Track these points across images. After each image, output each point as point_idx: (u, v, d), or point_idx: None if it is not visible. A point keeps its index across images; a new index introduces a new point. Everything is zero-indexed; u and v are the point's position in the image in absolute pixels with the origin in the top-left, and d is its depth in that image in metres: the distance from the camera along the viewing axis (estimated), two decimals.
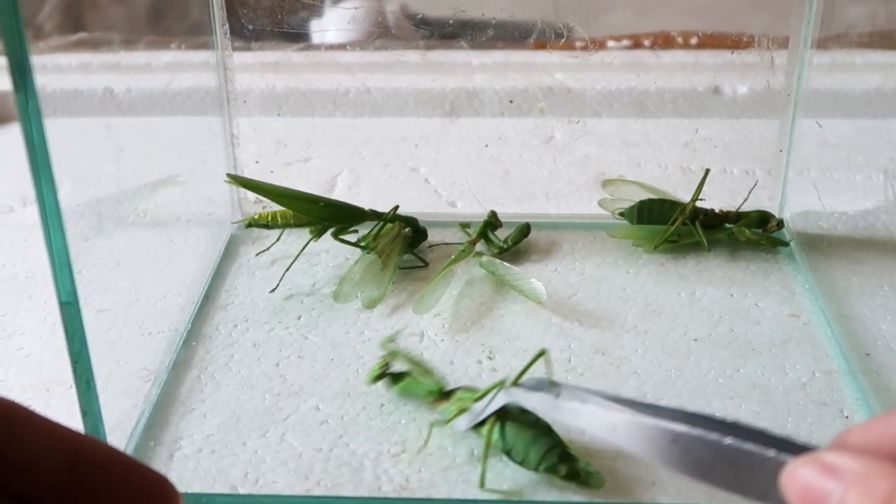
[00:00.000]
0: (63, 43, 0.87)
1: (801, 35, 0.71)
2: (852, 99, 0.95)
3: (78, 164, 0.51)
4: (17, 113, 0.40)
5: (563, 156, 0.89)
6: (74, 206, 0.48)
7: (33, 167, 0.41)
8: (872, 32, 0.98)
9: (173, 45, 0.91)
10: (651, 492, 0.51)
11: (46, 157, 0.41)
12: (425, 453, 0.53)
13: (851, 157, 0.85)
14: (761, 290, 0.68)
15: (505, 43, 0.99)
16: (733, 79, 0.97)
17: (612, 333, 0.63)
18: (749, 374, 0.59)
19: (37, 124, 0.40)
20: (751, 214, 0.73)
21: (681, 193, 0.75)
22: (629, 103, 0.97)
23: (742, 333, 0.63)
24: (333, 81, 0.98)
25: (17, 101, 0.39)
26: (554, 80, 0.97)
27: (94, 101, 0.76)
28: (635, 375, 0.59)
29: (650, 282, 0.69)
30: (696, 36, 1.01)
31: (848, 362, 0.60)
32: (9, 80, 0.40)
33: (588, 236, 0.75)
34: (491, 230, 0.74)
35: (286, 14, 0.74)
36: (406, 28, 0.92)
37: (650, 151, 0.90)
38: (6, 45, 0.38)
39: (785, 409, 0.56)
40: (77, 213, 0.49)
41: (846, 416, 0.56)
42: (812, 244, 0.72)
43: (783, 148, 0.75)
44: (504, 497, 0.50)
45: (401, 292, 0.68)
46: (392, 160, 0.89)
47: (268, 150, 0.90)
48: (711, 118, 0.96)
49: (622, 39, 1.02)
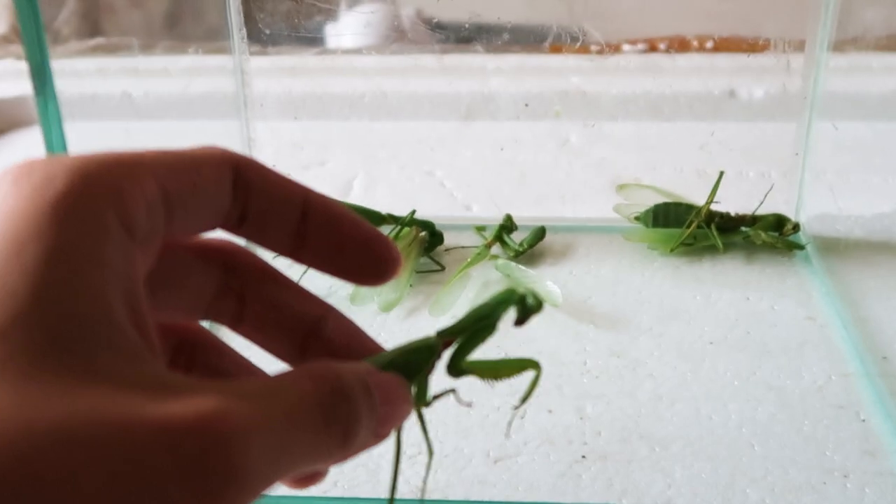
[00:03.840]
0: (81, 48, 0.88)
1: (817, 38, 0.70)
2: (869, 101, 0.95)
3: None
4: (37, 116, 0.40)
5: (578, 159, 0.90)
6: None
7: None
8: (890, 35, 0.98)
9: (190, 49, 0.91)
10: (666, 495, 0.51)
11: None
12: (442, 454, 0.53)
13: (868, 159, 0.84)
14: (777, 293, 0.68)
15: (521, 47, 0.99)
16: (749, 82, 0.97)
17: (628, 336, 0.63)
18: (765, 377, 0.59)
19: (57, 127, 0.41)
20: (767, 218, 0.73)
21: (696, 197, 0.75)
22: (645, 107, 0.97)
23: (758, 336, 0.63)
24: (349, 85, 0.98)
25: (37, 105, 0.40)
26: (569, 83, 0.97)
27: (112, 104, 0.76)
28: (651, 378, 0.59)
29: (666, 285, 0.69)
30: (711, 39, 1.01)
31: (864, 365, 0.60)
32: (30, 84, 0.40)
33: (604, 240, 0.75)
34: (507, 233, 0.74)
35: (302, 18, 0.74)
36: (422, 32, 0.92)
37: (665, 155, 0.90)
38: (27, 51, 0.38)
39: (801, 412, 0.56)
40: None
41: (863, 419, 0.56)
42: (828, 247, 0.72)
43: (799, 151, 0.75)
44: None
45: (417, 295, 0.68)
46: (408, 163, 0.89)
47: (284, 154, 0.90)
48: (727, 121, 0.96)
49: (637, 43, 1.02)
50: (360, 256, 0.34)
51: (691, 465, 0.52)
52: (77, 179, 0.25)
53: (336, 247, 0.34)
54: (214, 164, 0.30)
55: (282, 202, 0.32)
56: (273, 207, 0.32)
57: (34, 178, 0.25)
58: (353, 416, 0.30)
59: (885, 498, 0.50)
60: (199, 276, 0.33)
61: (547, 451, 0.53)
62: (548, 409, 0.56)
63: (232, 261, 0.34)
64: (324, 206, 0.33)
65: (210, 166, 0.30)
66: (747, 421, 0.56)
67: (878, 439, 0.54)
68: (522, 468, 0.52)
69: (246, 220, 0.32)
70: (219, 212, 0.31)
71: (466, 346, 0.38)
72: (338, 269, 0.34)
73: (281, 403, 0.27)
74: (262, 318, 0.35)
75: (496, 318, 0.37)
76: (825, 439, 0.54)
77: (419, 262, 0.71)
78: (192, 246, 0.33)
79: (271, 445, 0.26)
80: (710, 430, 0.55)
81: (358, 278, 0.35)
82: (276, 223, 0.32)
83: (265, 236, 0.33)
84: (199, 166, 0.30)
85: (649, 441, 0.54)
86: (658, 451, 0.53)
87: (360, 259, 0.34)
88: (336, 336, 0.35)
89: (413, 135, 0.95)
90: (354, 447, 0.30)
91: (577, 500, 0.50)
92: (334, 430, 0.29)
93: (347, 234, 0.33)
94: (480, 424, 0.55)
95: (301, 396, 0.28)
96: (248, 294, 0.34)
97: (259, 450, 0.25)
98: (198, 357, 0.35)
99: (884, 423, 0.55)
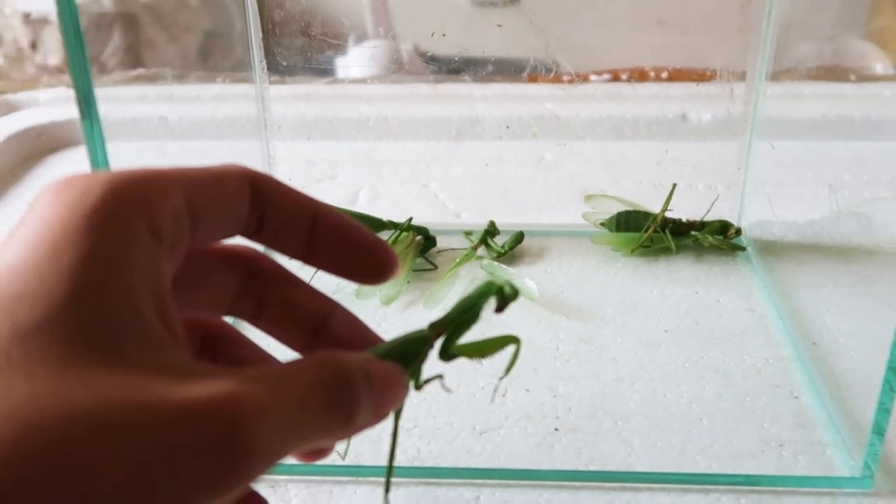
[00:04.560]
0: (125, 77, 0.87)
1: (756, 69, 0.70)
2: (801, 124, 0.95)
3: None
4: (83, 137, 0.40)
5: (552, 174, 0.89)
6: None
7: None
8: (819, 66, 0.98)
9: (218, 79, 0.91)
10: (627, 462, 0.50)
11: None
12: (434, 428, 0.53)
13: (800, 174, 0.84)
14: (722, 288, 0.68)
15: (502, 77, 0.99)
16: (698, 107, 0.97)
17: (595, 325, 0.63)
18: (712, 361, 0.59)
19: (100, 147, 0.40)
20: (713, 223, 0.73)
21: (653, 205, 0.75)
22: (609, 128, 0.96)
23: (706, 326, 0.63)
24: (356, 110, 0.98)
25: (83, 127, 0.39)
26: (545, 108, 0.97)
27: (151, 127, 0.76)
28: (614, 362, 0.59)
29: (627, 281, 0.69)
30: (666, 70, 1.01)
31: (797, 350, 0.60)
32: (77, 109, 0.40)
33: (574, 243, 0.75)
34: (490, 237, 0.74)
35: (315, 52, 0.74)
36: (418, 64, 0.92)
37: (627, 170, 0.90)
38: (74, 80, 0.38)
39: (743, 390, 0.56)
40: None
41: (796, 396, 0.56)
42: (766, 249, 0.72)
43: (741, 166, 0.75)
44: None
45: (413, 291, 0.68)
46: (406, 178, 0.89)
47: (300, 169, 0.90)
48: (679, 141, 0.96)
49: (603, 74, 1.02)
50: (362, 259, 0.34)
51: (649, 436, 0.52)
52: (109, 192, 0.25)
53: (342, 251, 0.34)
54: (234, 180, 0.30)
55: (293, 212, 0.32)
56: (286, 217, 0.32)
57: (73, 191, 0.25)
58: (354, 398, 0.29)
59: (815, 463, 0.50)
60: (223, 277, 0.33)
61: (525, 425, 0.53)
62: (525, 389, 0.56)
63: (251, 265, 0.34)
64: (330, 215, 0.33)
65: (230, 181, 0.30)
66: (697, 398, 0.55)
67: (809, 413, 0.54)
68: (504, 440, 0.52)
69: (263, 229, 0.32)
70: (238, 221, 0.31)
71: (454, 334, 0.38)
72: (344, 270, 0.34)
73: (291, 388, 0.27)
74: (278, 315, 0.35)
75: (478, 308, 0.37)
76: (763, 414, 0.54)
77: (415, 262, 0.71)
78: (217, 252, 0.33)
79: (281, 424, 0.26)
80: (665, 407, 0.55)
81: (362, 278, 0.35)
82: (289, 231, 0.32)
83: (280, 242, 0.33)
84: (221, 181, 0.30)
85: (613, 416, 0.54)
86: (620, 424, 0.53)
87: (363, 261, 0.34)
88: (341, 329, 0.35)
89: (411, 153, 0.95)
90: (356, 426, 0.30)
91: (551, 467, 0.50)
92: (337, 411, 0.29)
93: (351, 240, 0.33)
94: (468, 402, 0.55)
95: (309, 382, 0.28)
96: (266, 294, 0.34)
97: (270, 428, 0.25)
98: (222, 349, 0.35)
99: (814, 400, 0.55)
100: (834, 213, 0.72)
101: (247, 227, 0.31)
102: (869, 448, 0.47)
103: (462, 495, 0.49)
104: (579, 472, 0.50)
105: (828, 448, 0.51)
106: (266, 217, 0.31)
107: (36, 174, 0.94)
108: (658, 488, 0.49)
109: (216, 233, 0.31)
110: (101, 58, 1.04)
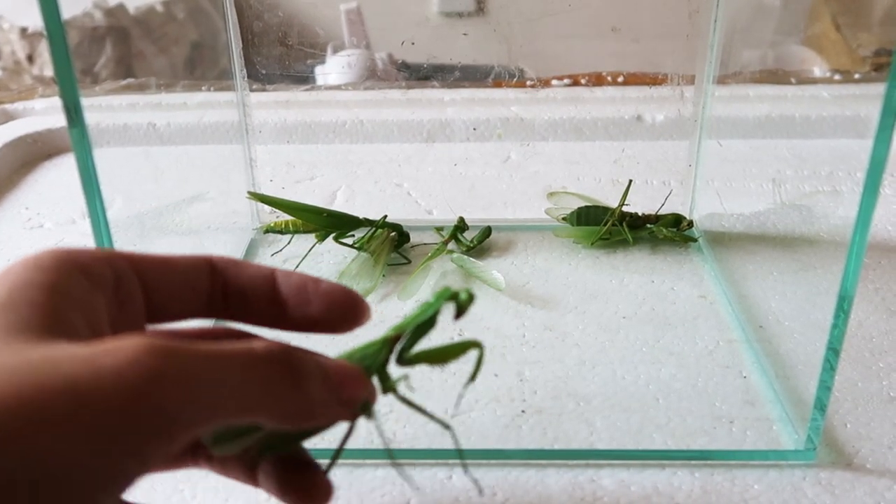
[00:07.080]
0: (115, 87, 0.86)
1: (705, 73, 0.71)
2: (747, 123, 0.95)
3: (126, 185, 0.50)
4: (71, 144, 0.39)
5: (517, 172, 0.89)
6: (123, 219, 0.47)
7: (85, 187, 0.40)
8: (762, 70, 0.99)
9: (203, 87, 0.90)
10: (589, 440, 0.50)
11: (95, 179, 0.40)
12: (409, 413, 0.52)
13: (747, 170, 0.85)
14: (676, 276, 0.68)
15: (469, 82, 0.99)
16: (652, 109, 0.97)
17: (558, 313, 0.63)
18: (667, 344, 0.59)
19: (87, 153, 0.40)
20: (667, 216, 0.73)
21: (611, 201, 0.75)
22: (570, 129, 0.96)
23: (661, 312, 0.63)
24: (333, 115, 0.97)
25: (71, 135, 0.39)
26: (510, 111, 0.96)
27: (139, 133, 0.75)
28: (576, 347, 0.59)
29: (588, 272, 0.69)
30: (622, 75, 1.01)
31: (745, 333, 0.60)
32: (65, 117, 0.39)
33: (538, 236, 0.75)
34: (460, 232, 0.73)
35: (293, 61, 0.73)
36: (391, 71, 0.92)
37: (587, 168, 0.90)
38: (61, 89, 0.37)
39: (696, 371, 0.56)
40: (125, 223, 0.48)
41: (744, 376, 0.56)
42: (716, 240, 0.72)
43: (692, 163, 0.75)
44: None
45: (388, 283, 0.68)
46: (381, 178, 0.89)
47: (280, 171, 0.89)
48: (635, 140, 0.96)
49: (563, 78, 1.02)
50: (329, 309, 0.35)
51: (609, 416, 0.52)
52: (53, 252, 0.30)
53: (308, 305, 0.34)
54: (188, 257, 0.34)
55: (253, 276, 0.34)
56: (247, 282, 0.34)
57: (29, 256, 0.30)
58: (300, 362, 0.30)
59: (763, 438, 0.50)
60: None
61: (494, 408, 0.53)
62: (494, 374, 0.56)
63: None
64: (290, 276, 0.35)
65: (183, 258, 0.34)
66: (653, 380, 0.55)
67: (757, 392, 0.54)
68: (475, 422, 0.52)
69: (229, 302, 0.34)
70: (197, 290, 0.33)
71: (410, 340, 0.37)
72: (315, 325, 0.35)
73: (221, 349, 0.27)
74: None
75: (434, 314, 0.37)
76: (715, 393, 0.54)
77: (390, 257, 0.71)
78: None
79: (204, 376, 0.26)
80: (624, 388, 0.55)
81: (334, 328, 0.36)
82: (254, 297, 0.34)
83: (248, 313, 0.35)
84: (171, 257, 0.34)
85: (575, 397, 0.54)
86: (583, 405, 0.53)
87: (330, 311, 0.35)
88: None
89: (385, 154, 0.94)
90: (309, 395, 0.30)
91: (519, 447, 0.50)
92: (283, 370, 0.29)
93: (312, 289, 0.35)
94: (441, 388, 0.54)
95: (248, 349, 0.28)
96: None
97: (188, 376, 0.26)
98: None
99: (761, 379, 0.55)
100: (778, 205, 0.73)
101: (213, 303, 0.34)
102: (811, 423, 0.48)
103: (436, 475, 0.48)
104: (545, 451, 0.49)
105: (774, 423, 0.51)
106: (228, 287, 0.34)
107: (32, 179, 0.92)
108: (619, 464, 0.49)
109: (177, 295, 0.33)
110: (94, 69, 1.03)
